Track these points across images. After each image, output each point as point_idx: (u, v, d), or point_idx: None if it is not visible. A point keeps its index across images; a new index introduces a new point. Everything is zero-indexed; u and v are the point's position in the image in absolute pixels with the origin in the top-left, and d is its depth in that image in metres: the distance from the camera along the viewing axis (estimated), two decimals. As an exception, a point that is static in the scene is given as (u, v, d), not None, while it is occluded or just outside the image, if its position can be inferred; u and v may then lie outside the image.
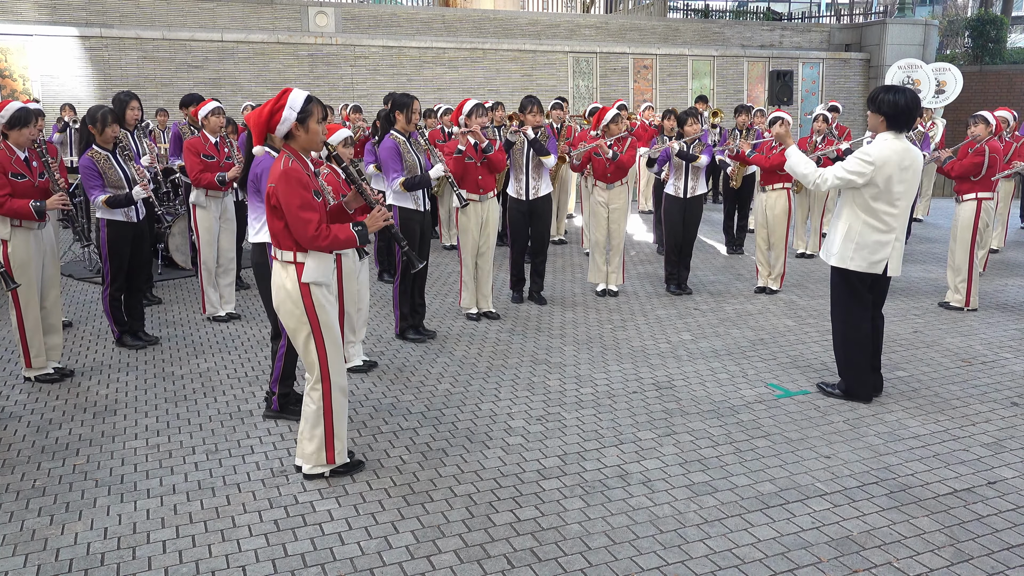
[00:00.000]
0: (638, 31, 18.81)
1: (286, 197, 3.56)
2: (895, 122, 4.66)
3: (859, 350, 4.95)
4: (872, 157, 4.63)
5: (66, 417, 4.79)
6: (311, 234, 3.59)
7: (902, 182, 4.68)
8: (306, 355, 3.81)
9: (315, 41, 15.74)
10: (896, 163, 4.63)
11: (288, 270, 3.72)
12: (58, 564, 3.26)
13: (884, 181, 4.65)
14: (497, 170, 6.68)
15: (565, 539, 3.42)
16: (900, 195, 4.70)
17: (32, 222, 5.17)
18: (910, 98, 4.62)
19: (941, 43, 23.32)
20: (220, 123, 6.70)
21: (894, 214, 4.72)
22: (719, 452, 4.29)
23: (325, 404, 3.83)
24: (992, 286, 8.20)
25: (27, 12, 14.18)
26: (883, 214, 4.71)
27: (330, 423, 3.86)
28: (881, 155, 4.62)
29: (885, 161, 4.62)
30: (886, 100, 4.62)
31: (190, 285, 8.25)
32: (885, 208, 4.70)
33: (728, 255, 9.98)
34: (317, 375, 3.81)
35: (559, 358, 5.89)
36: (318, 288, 3.75)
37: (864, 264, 4.79)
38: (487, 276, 6.88)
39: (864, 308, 4.94)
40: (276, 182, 3.59)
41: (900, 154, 4.64)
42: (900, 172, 4.65)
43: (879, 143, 4.69)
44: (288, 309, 3.75)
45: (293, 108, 3.64)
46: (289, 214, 3.58)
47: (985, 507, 3.71)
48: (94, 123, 5.67)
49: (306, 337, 3.76)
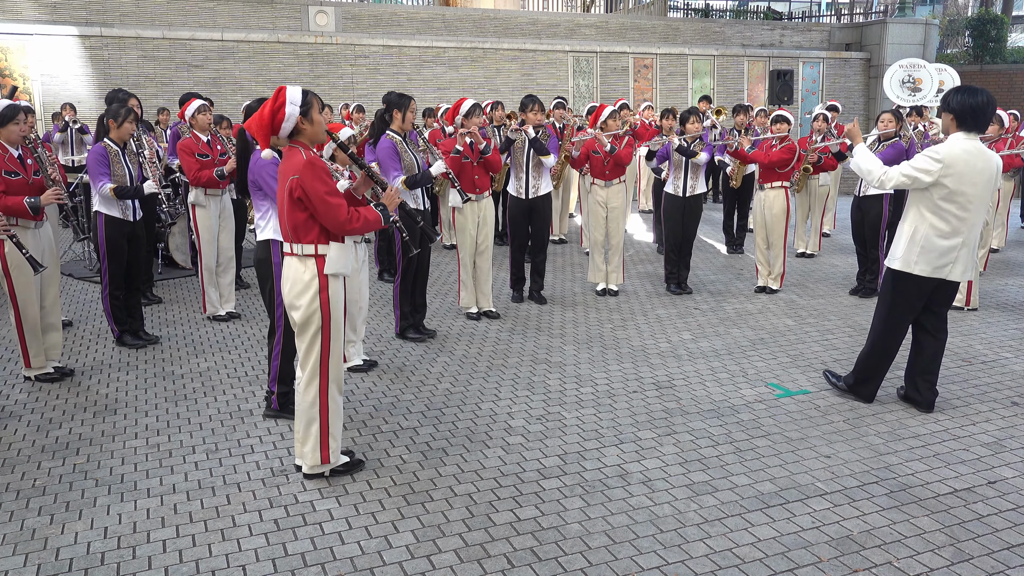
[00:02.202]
0: (638, 30, 18.80)
1: (312, 185, 3.57)
2: (965, 122, 4.49)
3: (885, 354, 4.86)
4: (941, 155, 4.45)
5: (66, 416, 4.79)
6: (343, 218, 3.61)
7: (974, 184, 4.48)
8: (309, 348, 3.78)
9: (315, 40, 15.74)
10: (966, 163, 4.45)
11: (307, 263, 3.72)
12: (58, 563, 3.25)
13: (953, 182, 4.46)
14: (494, 171, 6.70)
15: (565, 538, 3.42)
16: (972, 199, 4.50)
17: (29, 221, 5.16)
18: (982, 99, 4.44)
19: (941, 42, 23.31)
20: (208, 120, 6.72)
21: (964, 218, 4.52)
22: (719, 452, 4.29)
23: (321, 401, 3.82)
24: (992, 285, 8.19)
25: (27, 11, 14.17)
26: (952, 217, 4.52)
27: (325, 421, 3.85)
28: (951, 154, 4.45)
29: (954, 160, 4.44)
30: (956, 99, 4.50)
31: (190, 284, 8.25)
32: (954, 211, 4.51)
33: (728, 254, 9.97)
34: (314, 370, 3.79)
35: (559, 357, 5.89)
36: (336, 282, 3.76)
37: (928, 268, 4.60)
38: (486, 275, 6.88)
39: (908, 315, 4.78)
40: (301, 173, 3.58)
41: (972, 155, 4.47)
42: (972, 174, 4.46)
43: (950, 142, 4.52)
44: (303, 302, 3.73)
45: (294, 103, 3.64)
46: (319, 202, 3.58)
47: (985, 507, 3.71)
48: (115, 117, 5.74)
49: (315, 331, 3.76)
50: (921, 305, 4.77)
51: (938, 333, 4.84)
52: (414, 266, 6.17)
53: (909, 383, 4.94)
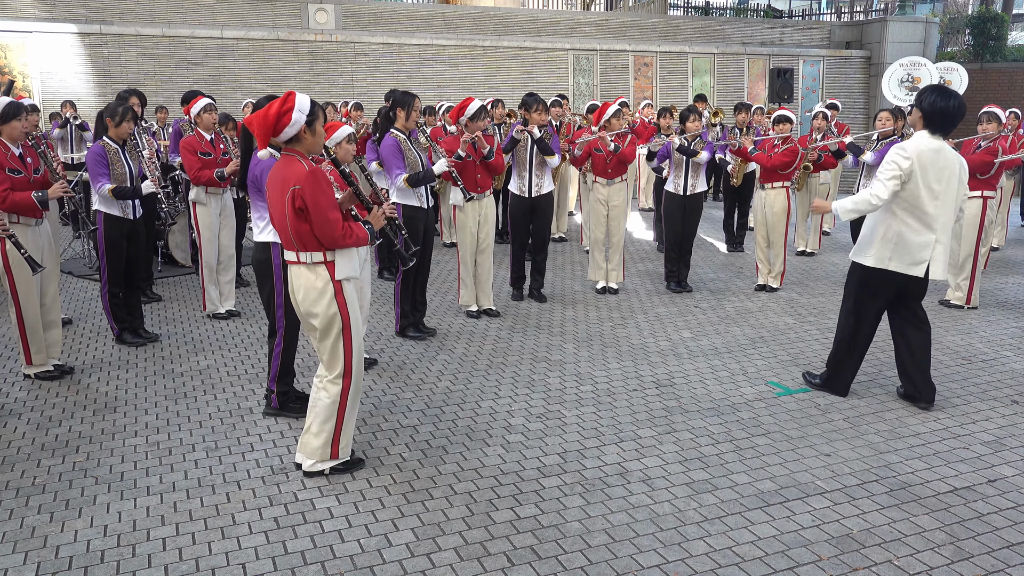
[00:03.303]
0: (638, 28, 18.79)
1: (314, 197, 3.56)
2: (933, 122, 4.61)
3: (851, 347, 4.96)
4: (908, 151, 4.56)
5: (66, 414, 4.79)
6: (338, 233, 3.62)
7: (939, 181, 4.59)
8: (334, 350, 3.80)
9: (315, 38, 15.72)
10: (931, 160, 4.56)
11: (317, 271, 3.73)
12: (58, 561, 3.25)
13: (920, 177, 4.57)
14: (496, 173, 6.70)
15: (565, 537, 3.42)
16: (938, 194, 4.60)
17: (31, 219, 5.16)
18: (953, 104, 4.54)
19: (942, 41, 23.28)
20: (212, 119, 6.70)
21: (934, 215, 4.61)
22: (719, 450, 4.29)
23: (342, 399, 3.85)
24: (992, 284, 8.20)
25: (26, 9, 14.15)
26: (921, 213, 4.61)
27: (342, 419, 3.88)
28: (917, 150, 4.56)
29: (920, 156, 4.55)
30: (928, 99, 4.60)
31: (190, 282, 8.24)
32: (923, 207, 4.60)
33: (728, 253, 9.97)
34: (340, 370, 3.82)
35: (559, 356, 5.89)
36: (348, 284, 3.80)
37: (903, 265, 4.67)
38: (487, 273, 6.88)
39: (874, 309, 4.87)
40: (303, 183, 3.56)
41: (936, 153, 4.58)
42: (936, 171, 4.57)
43: (915, 139, 4.64)
44: (320, 308, 3.74)
45: (302, 111, 3.63)
46: (318, 215, 3.58)
47: (985, 505, 3.71)
48: (113, 116, 5.73)
49: (338, 333, 3.78)
50: (887, 301, 4.86)
51: (922, 326, 4.91)
52: (414, 265, 6.16)
53: (906, 380, 4.97)
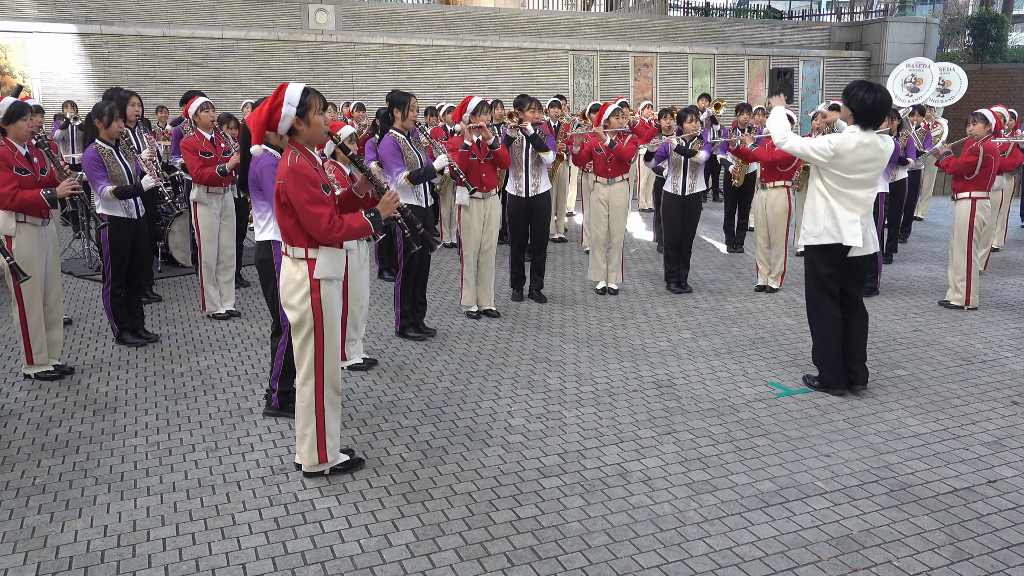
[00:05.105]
0: (639, 29, 18.80)
1: (295, 193, 3.56)
2: (861, 118, 4.81)
3: (825, 337, 5.10)
4: (834, 145, 4.81)
5: (66, 415, 4.79)
6: (324, 227, 3.58)
7: (864, 172, 4.86)
8: (302, 349, 3.80)
9: (315, 38, 15.73)
10: (855, 154, 4.80)
11: (299, 265, 3.72)
12: (58, 562, 3.26)
13: (842, 170, 4.84)
14: (503, 166, 6.71)
15: (565, 537, 3.42)
16: (860, 183, 4.89)
17: (36, 218, 5.18)
18: (879, 98, 4.74)
19: (942, 41, 23.30)
20: (211, 118, 6.71)
21: (860, 199, 4.90)
22: (719, 450, 4.29)
23: (317, 400, 3.83)
24: (992, 285, 8.19)
25: (27, 9, 14.15)
26: (846, 199, 4.90)
27: (321, 421, 3.85)
28: (844, 145, 4.80)
29: (846, 151, 4.79)
30: (856, 96, 4.79)
31: (190, 282, 8.24)
32: (850, 193, 4.89)
33: (728, 253, 9.97)
34: (309, 369, 3.80)
35: (559, 356, 5.89)
36: (328, 284, 3.75)
37: (833, 237, 4.92)
38: (489, 274, 6.88)
39: (828, 291, 5.07)
40: (284, 179, 3.58)
41: (865, 147, 4.81)
42: (860, 163, 4.83)
43: (846, 134, 4.88)
44: (295, 302, 3.74)
45: (291, 103, 3.63)
46: (300, 210, 3.58)
47: (985, 506, 3.71)
48: (100, 117, 5.70)
49: (307, 332, 3.76)
50: (836, 281, 5.05)
51: (858, 308, 5.12)
52: (415, 265, 6.17)
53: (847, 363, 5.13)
